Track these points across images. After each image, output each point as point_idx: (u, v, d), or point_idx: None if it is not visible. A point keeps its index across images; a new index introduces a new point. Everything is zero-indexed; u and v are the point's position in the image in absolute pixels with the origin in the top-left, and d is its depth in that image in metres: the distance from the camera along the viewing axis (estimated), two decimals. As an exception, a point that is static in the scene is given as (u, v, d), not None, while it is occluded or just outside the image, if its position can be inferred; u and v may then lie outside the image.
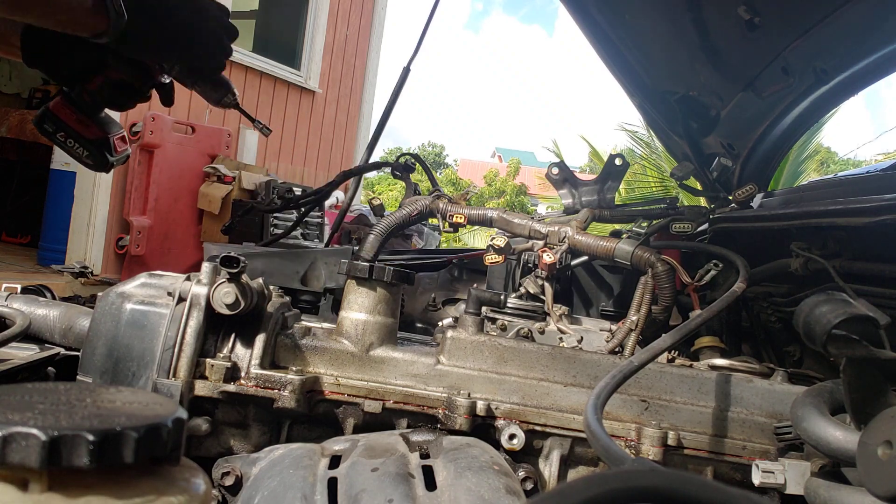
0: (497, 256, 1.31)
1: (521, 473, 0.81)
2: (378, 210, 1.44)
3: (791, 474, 0.75)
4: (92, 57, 1.02)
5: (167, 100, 1.10)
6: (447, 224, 1.40)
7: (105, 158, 1.08)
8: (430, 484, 0.64)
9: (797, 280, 1.16)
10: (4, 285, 1.25)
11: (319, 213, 5.30)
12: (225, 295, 0.81)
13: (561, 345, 1.04)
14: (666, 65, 1.70)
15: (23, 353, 0.94)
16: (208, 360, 0.82)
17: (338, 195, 5.58)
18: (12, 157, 6.12)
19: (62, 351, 1.00)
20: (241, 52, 7.17)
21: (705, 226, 1.50)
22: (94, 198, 5.29)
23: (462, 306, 1.25)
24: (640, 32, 1.64)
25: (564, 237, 1.34)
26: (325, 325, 0.94)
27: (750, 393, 0.87)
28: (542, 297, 1.29)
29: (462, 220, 1.39)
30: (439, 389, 0.85)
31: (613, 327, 1.27)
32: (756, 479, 0.76)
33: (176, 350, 0.81)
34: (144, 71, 1.04)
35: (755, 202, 1.63)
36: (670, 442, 0.82)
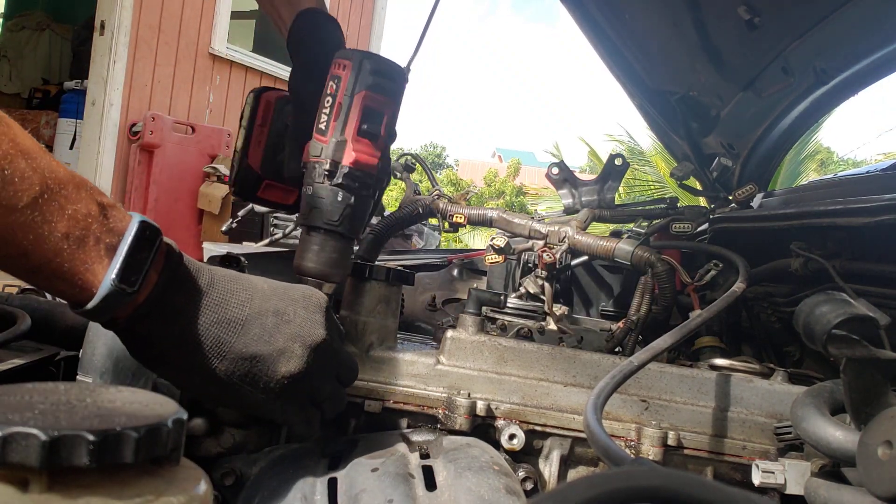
0: (497, 256, 1.31)
1: (521, 473, 0.81)
2: (378, 210, 1.44)
3: (791, 474, 0.75)
4: None
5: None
6: (447, 224, 1.40)
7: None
8: (430, 484, 0.64)
9: (797, 280, 1.16)
10: (4, 285, 1.25)
11: (319, 213, 5.32)
12: (225, 295, 0.81)
13: (561, 345, 1.04)
14: (666, 65, 1.70)
15: (23, 353, 0.94)
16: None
17: (338, 195, 5.59)
18: (12, 157, 6.11)
19: (62, 351, 1.00)
20: (241, 52, 7.17)
21: (705, 226, 1.50)
22: (94, 198, 5.29)
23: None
24: (640, 32, 1.64)
25: (564, 237, 1.34)
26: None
27: (750, 393, 0.87)
28: (542, 297, 1.29)
29: (462, 220, 1.39)
30: (439, 389, 0.85)
31: (613, 327, 1.27)
32: (756, 479, 0.76)
33: (176, 350, 0.81)
34: None
35: (755, 202, 1.63)
36: (670, 442, 0.82)
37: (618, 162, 1.63)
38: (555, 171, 1.66)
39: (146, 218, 0.60)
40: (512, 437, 0.82)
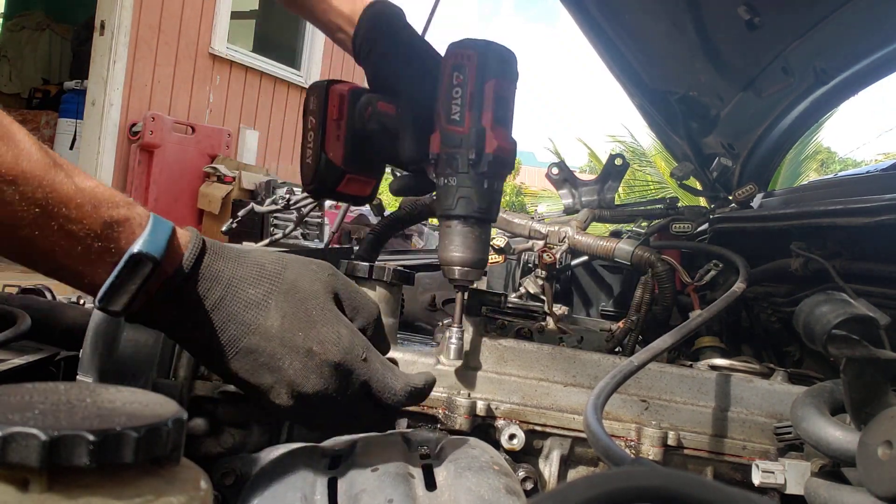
0: (497, 256, 1.32)
1: (521, 473, 0.81)
2: (378, 210, 1.45)
3: (791, 474, 0.75)
4: None
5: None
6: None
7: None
8: (430, 484, 0.64)
9: (797, 280, 1.16)
10: (4, 285, 1.25)
11: (319, 213, 5.30)
12: (225, 295, 0.81)
13: (561, 345, 1.04)
14: (666, 65, 1.71)
15: (23, 353, 0.94)
16: (208, 360, 0.82)
17: (338, 195, 5.58)
18: (12, 157, 6.11)
19: (62, 351, 1.00)
20: (242, 53, 7.17)
21: (705, 226, 1.50)
22: (94, 198, 5.29)
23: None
24: (639, 32, 1.64)
25: (564, 237, 1.34)
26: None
27: (750, 393, 0.87)
28: (542, 297, 1.30)
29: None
30: (439, 389, 0.85)
31: (613, 327, 1.27)
32: (756, 479, 0.76)
33: (176, 350, 0.81)
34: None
35: (755, 202, 1.63)
36: (670, 442, 0.82)
37: (618, 162, 1.63)
38: (555, 171, 1.66)
39: (159, 239, 0.61)
40: (512, 437, 0.82)
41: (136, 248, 0.60)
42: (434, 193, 0.87)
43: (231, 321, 0.65)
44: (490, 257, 1.32)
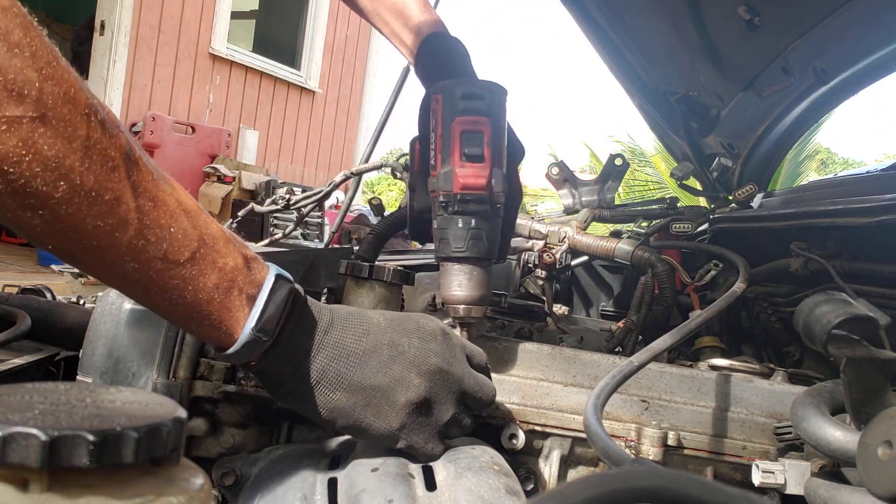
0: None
1: (522, 473, 0.81)
2: (378, 210, 1.44)
3: (791, 474, 0.75)
4: None
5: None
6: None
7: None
8: (430, 484, 0.64)
9: (797, 280, 1.16)
10: (4, 285, 1.25)
11: (319, 214, 5.31)
12: (225, 295, 0.81)
13: (561, 345, 1.04)
14: (666, 65, 1.70)
15: (23, 353, 0.94)
16: (208, 360, 0.82)
17: (338, 195, 5.59)
18: (12, 157, 6.10)
19: (62, 351, 1.00)
20: (242, 53, 7.17)
21: (705, 226, 1.50)
22: (94, 198, 5.28)
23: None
24: (640, 32, 1.64)
25: (564, 237, 1.34)
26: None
27: (750, 393, 0.87)
28: (542, 297, 1.30)
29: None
30: (439, 389, 0.85)
31: (613, 327, 1.27)
32: (756, 479, 0.76)
33: (176, 350, 0.81)
34: None
35: (755, 202, 1.63)
36: (670, 442, 0.82)
37: (618, 162, 1.63)
38: (555, 171, 1.66)
39: (280, 270, 0.66)
40: (512, 437, 0.82)
41: (275, 271, 0.65)
42: None
43: (348, 332, 0.69)
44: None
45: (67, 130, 0.51)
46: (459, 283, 0.84)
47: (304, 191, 2.12)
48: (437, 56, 0.99)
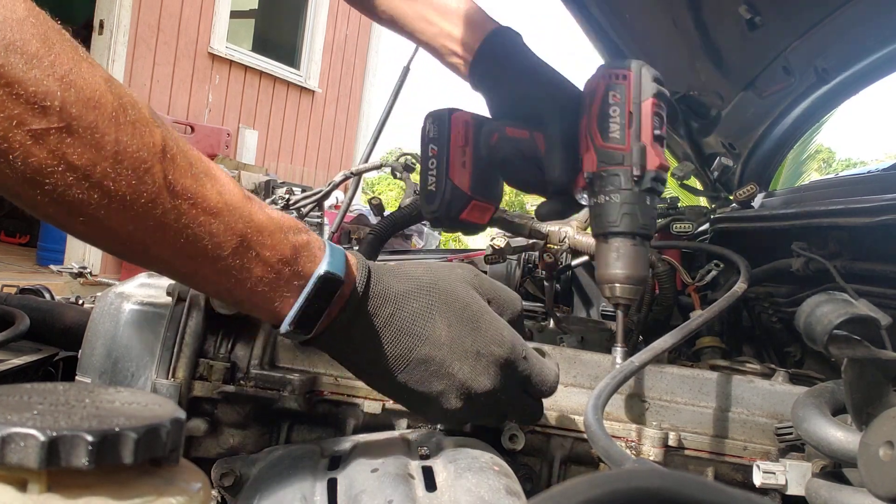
0: (497, 256, 1.31)
1: (522, 473, 0.81)
2: (378, 210, 1.44)
3: (792, 475, 0.75)
4: None
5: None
6: (447, 224, 1.40)
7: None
8: (430, 485, 0.64)
9: (798, 280, 1.16)
10: (3, 285, 1.25)
11: (319, 213, 5.30)
12: (224, 295, 0.81)
13: (561, 345, 1.04)
14: (666, 65, 1.70)
15: (22, 353, 0.94)
16: (207, 360, 0.82)
17: (337, 195, 5.59)
18: (12, 157, 6.10)
19: (61, 351, 1.00)
20: (241, 52, 7.17)
21: (706, 226, 1.50)
22: (93, 197, 5.28)
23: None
24: (640, 32, 1.64)
25: (564, 237, 1.33)
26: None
27: (751, 393, 0.87)
28: (542, 297, 1.29)
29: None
30: (439, 389, 0.85)
31: (613, 327, 1.27)
32: (757, 479, 0.76)
33: (175, 350, 0.81)
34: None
35: (756, 202, 1.63)
36: (671, 442, 0.82)
37: (618, 162, 1.63)
38: (555, 170, 1.65)
39: (337, 261, 0.65)
40: (512, 437, 0.82)
41: (323, 268, 0.64)
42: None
43: (403, 334, 0.68)
44: (490, 257, 1.32)
45: (95, 138, 0.51)
46: (634, 262, 0.82)
47: (303, 191, 2.12)
48: (514, 44, 0.97)
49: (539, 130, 0.90)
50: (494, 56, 0.97)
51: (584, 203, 0.89)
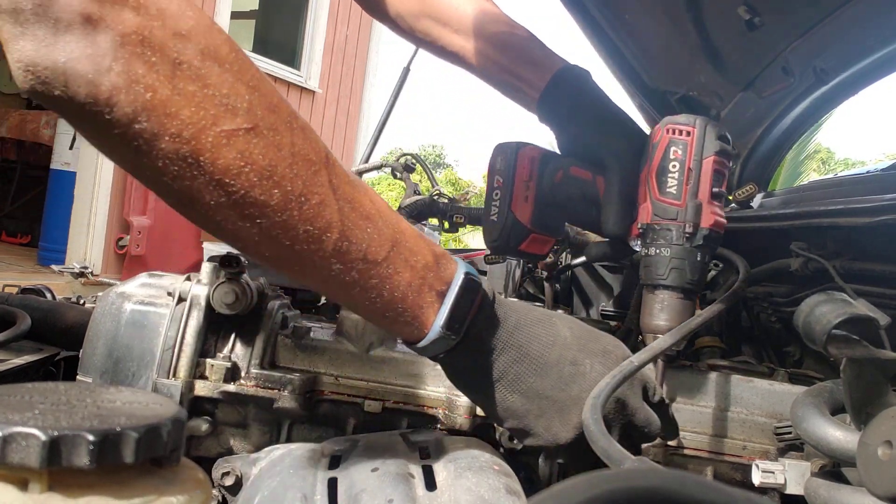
0: (497, 256, 1.31)
1: (522, 473, 0.81)
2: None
3: (791, 474, 0.75)
4: None
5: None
6: (447, 224, 1.40)
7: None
8: (431, 484, 0.64)
9: (797, 280, 1.16)
10: (4, 285, 1.25)
11: (319, 213, 5.30)
12: (225, 295, 0.81)
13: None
14: (666, 65, 1.70)
15: (23, 353, 0.94)
16: (208, 360, 0.82)
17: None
18: (12, 157, 6.10)
19: (62, 351, 1.00)
20: (241, 52, 7.15)
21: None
22: (94, 198, 5.28)
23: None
24: (640, 32, 1.64)
25: (565, 237, 1.33)
26: (325, 324, 0.94)
27: (750, 393, 0.87)
28: (542, 297, 1.30)
29: (462, 220, 1.39)
30: (439, 389, 0.85)
31: (613, 327, 1.27)
32: (756, 479, 0.76)
33: (176, 350, 0.81)
34: None
35: (755, 202, 1.63)
36: (670, 442, 0.82)
37: (618, 162, 1.63)
38: (555, 171, 1.66)
39: (469, 268, 0.67)
40: (512, 437, 0.82)
41: (463, 271, 0.66)
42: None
43: (533, 339, 0.69)
44: (490, 257, 1.32)
45: (276, 139, 0.53)
46: (675, 315, 0.84)
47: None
48: (584, 87, 0.98)
49: (601, 175, 0.92)
50: (561, 95, 0.98)
51: (636, 250, 0.90)
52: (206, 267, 0.84)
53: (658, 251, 0.85)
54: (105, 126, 0.49)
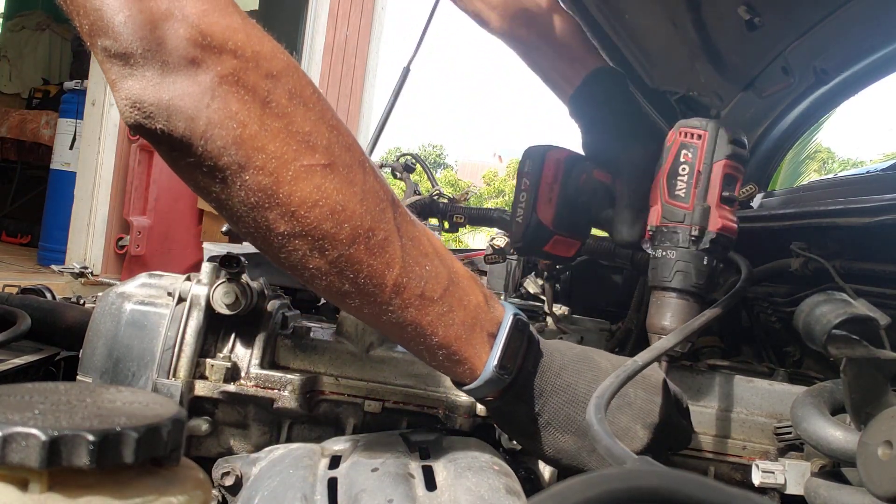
0: (497, 256, 1.31)
1: (522, 473, 0.81)
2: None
3: (791, 474, 0.75)
4: None
5: None
6: (447, 224, 1.40)
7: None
8: (430, 484, 0.64)
9: (797, 280, 1.16)
10: (4, 285, 1.25)
11: (319, 213, 5.29)
12: (225, 295, 0.81)
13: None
14: (666, 65, 1.70)
15: (23, 353, 0.94)
16: (208, 360, 0.82)
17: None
18: (12, 157, 6.10)
19: (62, 351, 1.00)
20: (241, 53, 7.15)
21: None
22: (94, 198, 5.28)
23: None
24: (640, 32, 1.64)
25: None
26: (325, 324, 0.94)
27: (750, 393, 0.87)
28: (542, 297, 1.30)
29: (462, 220, 1.39)
30: (439, 389, 0.85)
31: (613, 327, 1.27)
32: (756, 479, 0.76)
33: (176, 350, 0.81)
34: None
35: (755, 202, 1.63)
36: (671, 442, 0.82)
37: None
38: (555, 171, 1.66)
39: (517, 310, 0.68)
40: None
41: (512, 311, 0.67)
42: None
43: (580, 375, 0.70)
44: (490, 257, 1.32)
45: (349, 176, 0.56)
46: (679, 317, 0.84)
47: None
48: (615, 90, 0.99)
49: (618, 179, 0.93)
50: (590, 97, 0.99)
51: (649, 253, 0.90)
52: (206, 267, 0.84)
53: (665, 253, 0.85)
54: (197, 158, 0.52)
